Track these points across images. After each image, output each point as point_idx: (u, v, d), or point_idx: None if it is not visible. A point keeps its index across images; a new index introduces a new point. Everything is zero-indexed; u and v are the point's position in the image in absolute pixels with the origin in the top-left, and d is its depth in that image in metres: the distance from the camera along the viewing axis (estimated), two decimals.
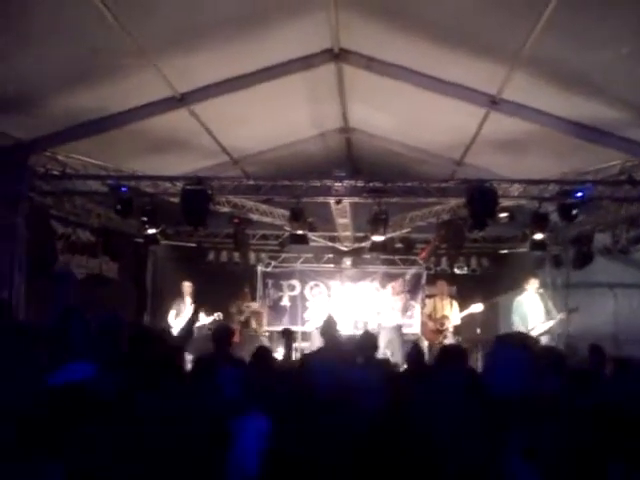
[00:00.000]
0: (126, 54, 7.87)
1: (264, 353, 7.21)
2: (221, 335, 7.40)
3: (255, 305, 14.76)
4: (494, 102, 9.22)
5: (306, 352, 12.36)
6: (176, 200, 10.49)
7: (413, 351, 7.47)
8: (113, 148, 10.21)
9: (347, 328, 13.02)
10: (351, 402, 4.45)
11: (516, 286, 13.18)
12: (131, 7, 7.04)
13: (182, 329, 9.88)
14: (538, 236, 11.42)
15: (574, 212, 9.92)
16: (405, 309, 13.49)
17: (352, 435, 3.62)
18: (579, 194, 9.81)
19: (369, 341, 7.24)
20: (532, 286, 12.18)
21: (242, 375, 5.22)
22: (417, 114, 10.83)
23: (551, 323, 11.97)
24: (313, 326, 13.73)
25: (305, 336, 14.65)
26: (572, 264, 12.46)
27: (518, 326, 11.90)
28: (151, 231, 11.79)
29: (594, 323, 11.93)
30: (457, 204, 11.35)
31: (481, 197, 9.76)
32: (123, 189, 10.36)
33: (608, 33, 7.10)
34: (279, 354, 13.83)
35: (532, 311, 12.01)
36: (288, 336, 9.08)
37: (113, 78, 8.40)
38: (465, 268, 14.75)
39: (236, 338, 13.22)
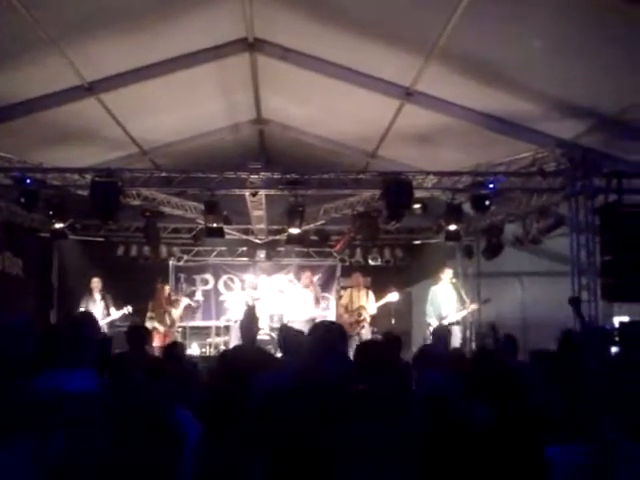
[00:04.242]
0: (33, 41, 7.53)
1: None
2: (136, 336, 7.01)
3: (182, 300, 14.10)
4: (408, 94, 9.29)
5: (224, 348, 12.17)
6: (84, 193, 10.16)
7: None
8: (17, 138, 9.72)
9: (263, 321, 12.86)
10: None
11: (428, 276, 13.43)
12: None
13: None
14: (452, 227, 11.62)
15: (486, 203, 10.10)
16: (317, 301, 13.45)
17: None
18: (491, 185, 10.01)
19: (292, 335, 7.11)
20: (446, 275, 12.39)
21: None
22: (331, 106, 10.81)
23: (464, 313, 12.22)
24: (227, 320, 13.50)
25: (219, 331, 14.41)
26: (483, 254, 12.73)
27: (431, 315, 12.11)
28: (58, 225, 11.43)
29: (503, 311, 12.25)
30: (371, 196, 11.37)
31: (397, 189, 9.81)
32: (28, 181, 9.91)
33: (521, 27, 7.23)
34: (193, 350, 13.64)
35: (446, 300, 12.23)
36: None
37: (18, 65, 8.04)
38: (379, 259, 14.81)
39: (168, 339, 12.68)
